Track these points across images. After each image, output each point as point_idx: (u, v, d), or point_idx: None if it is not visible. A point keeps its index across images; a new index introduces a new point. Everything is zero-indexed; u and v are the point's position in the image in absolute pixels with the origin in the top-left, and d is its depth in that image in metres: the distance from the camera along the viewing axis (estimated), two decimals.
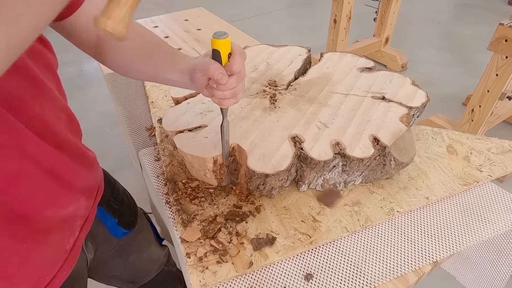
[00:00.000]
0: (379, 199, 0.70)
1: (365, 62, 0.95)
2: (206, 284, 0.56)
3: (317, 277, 0.58)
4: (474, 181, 0.74)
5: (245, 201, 0.69)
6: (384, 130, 0.71)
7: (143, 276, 0.85)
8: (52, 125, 0.45)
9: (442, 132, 0.86)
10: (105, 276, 0.78)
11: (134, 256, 0.78)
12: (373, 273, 0.59)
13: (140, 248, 0.79)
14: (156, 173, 0.79)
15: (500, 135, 1.50)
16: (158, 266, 0.87)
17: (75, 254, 0.54)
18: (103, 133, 2.15)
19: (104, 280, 0.79)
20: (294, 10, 3.99)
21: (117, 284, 0.83)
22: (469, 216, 0.68)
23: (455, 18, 3.69)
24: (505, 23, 1.44)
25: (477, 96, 1.65)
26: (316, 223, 0.65)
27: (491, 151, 0.80)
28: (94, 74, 2.83)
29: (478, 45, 3.01)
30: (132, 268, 0.80)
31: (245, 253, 0.60)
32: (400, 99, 0.80)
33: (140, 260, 0.80)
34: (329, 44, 2.44)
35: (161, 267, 0.88)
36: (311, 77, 0.90)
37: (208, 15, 1.64)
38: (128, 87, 1.09)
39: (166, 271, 0.91)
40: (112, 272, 0.77)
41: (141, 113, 0.99)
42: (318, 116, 0.76)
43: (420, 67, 2.77)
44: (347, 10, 2.23)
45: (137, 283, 0.86)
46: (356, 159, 0.65)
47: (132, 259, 0.77)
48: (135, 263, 0.79)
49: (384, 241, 0.64)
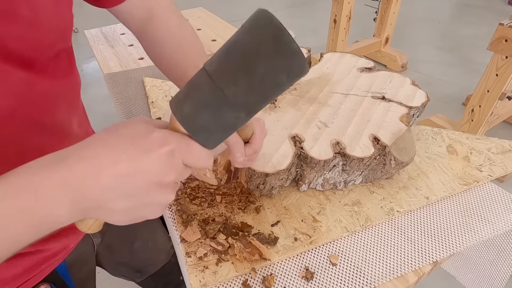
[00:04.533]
0: (379, 199, 0.70)
1: (365, 62, 0.95)
2: (206, 284, 0.56)
3: (317, 277, 0.58)
4: (474, 181, 0.74)
5: (245, 201, 0.69)
6: (384, 129, 0.71)
7: (150, 266, 0.86)
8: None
9: (442, 132, 0.86)
10: (112, 262, 0.79)
11: (139, 243, 0.79)
12: (373, 273, 0.59)
13: (145, 234, 0.80)
14: None
15: (500, 135, 1.50)
16: (165, 256, 0.88)
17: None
18: None
19: (112, 268, 0.80)
20: (294, 10, 4.00)
21: (125, 273, 0.84)
22: (469, 216, 0.68)
23: (455, 18, 3.69)
24: (505, 23, 1.44)
25: (477, 96, 1.66)
26: (316, 223, 0.65)
27: (491, 151, 0.80)
28: (94, 74, 2.83)
29: (478, 45, 3.01)
30: (139, 256, 0.81)
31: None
32: (400, 99, 0.80)
33: (146, 248, 0.82)
34: (329, 44, 2.44)
35: (168, 257, 0.88)
36: (311, 77, 0.90)
37: (208, 15, 1.64)
38: (128, 87, 1.09)
39: (173, 263, 0.91)
40: (119, 259, 0.79)
41: (141, 113, 0.99)
42: (318, 115, 0.76)
43: (420, 67, 2.77)
44: (347, 10, 2.23)
45: (145, 273, 0.86)
46: (356, 158, 0.65)
47: (137, 245, 0.78)
48: (141, 251, 0.81)
49: (384, 241, 0.64)
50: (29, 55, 0.40)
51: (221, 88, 0.27)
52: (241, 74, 0.27)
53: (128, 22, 0.59)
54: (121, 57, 1.26)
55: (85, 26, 1.72)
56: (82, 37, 1.76)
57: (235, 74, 0.27)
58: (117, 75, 1.14)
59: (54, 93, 0.46)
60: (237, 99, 0.27)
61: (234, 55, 0.27)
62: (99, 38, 1.41)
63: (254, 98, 0.28)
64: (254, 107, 0.30)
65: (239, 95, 0.27)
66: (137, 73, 1.15)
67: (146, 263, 0.85)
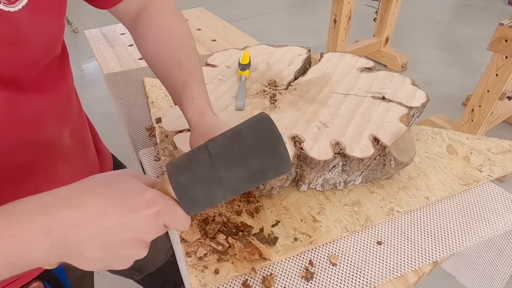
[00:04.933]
0: (379, 199, 0.70)
1: (365, 62, 0.95)
2: (206, 284, 0.56)
3: (317, 277, 0.58)
4: (474, 181, 0.74)
5: (245, 201, 0.69)
6: (384, 130, 0.71)
7: (149, 265, 0.86)
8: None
9: (442, 132, 0.86)
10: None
11: None
12: (373, 273, 0.59)
13: None
14: (156, 173, 0.79)
15: (500, 135, 1.50)
16: (164, 256, 0.88)
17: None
18: (103, 133, 2.14)
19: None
20: (294, 10, 4.00)
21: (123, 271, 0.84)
22: (469, 216, 0.68)
23: (455, 18, 3.69)
24: (505, 23, 1.44)
25: (477, 96, 1.66)
26: (316, 223, 0.65)
27: (491, 151, 0.80)
28: (94, 74, 2.83)
29: (478, 45, 3.01)
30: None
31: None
32: (400, 99, 0.80)
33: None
34: (329, 44, 2.44)
35: (167, 257, 0.88)
36: (311, 77, 0.90)
37: (208, 15, 1.64)
38: (128, 87, 1.09)
39: (172, 262, 0.91)
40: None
41: (141, 113, 0.99)
42: (318, 116, 0.76)
43: (420, 67, 2.77)
44: (347, 10, 2.23)
45: (143, 272, 0.86)
46: (356, 159, 0.65)
47: None
48: None
49: (384, 241, 0.64)
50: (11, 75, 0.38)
51: (218, 170, 0.32)
52: (239, 164, 0.32)
53: (125, 21, 0.59)
54: (121, 57, 1.26)
55: (85, 26, 1.71)
56: (82, 37, 1.76)
57: (233, 162, 0.32)
58: (117, 75, 1.14)
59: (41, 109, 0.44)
60: (229, 182, 0.32)
61: (236, 147, 0.32)
62: (99, 38, 1.41)
63: (243, 184, 0.34)
64: (241, 190, 0.35)
65: (232, 180, 0.32)
66: (137, 73, 1.15)
67: (145, 262, 0.85)
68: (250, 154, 0.32)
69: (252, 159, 0.32)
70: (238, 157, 0.32)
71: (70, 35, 3.41)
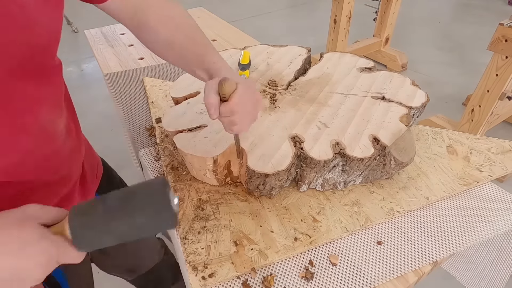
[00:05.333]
0: (379, 199, 0.70)
1: (365, 62, 0.95)
2: (206, 284, 0.56)
3: (317, 277, 0.58)
4: (474, 181, 0.74)
5: (245, 201, 0.69)
6: (384, 130, 0.71)
7: (142, 265, 0.86)
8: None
9: (442, 132, 0.86)
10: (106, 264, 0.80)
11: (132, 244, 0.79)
12: (373, 273, 0.59)
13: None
14: (156, 173, 0.79)
15: (500, 135, 1.50)
16: (157, 256, 0.88)
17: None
18: (103, 133, 2.15)
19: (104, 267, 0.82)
20: (294, 10, 3.99)
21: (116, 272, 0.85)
22: (469, 216, 0.68)
23: (455, 18, 3.69)
24: (505, 23, 1.44)
25: (477, 96, 1.65)
26: (316, 223, 0.65)
27: (491, 151, 0.80)
28: (94, 74, 2.83)
29: (478, 45, 3.01)
30: (131, 257, 0.82)
31: (245, 253, 0.60)
32: (400, 99, 0.80)
33: (138, 247, 0.83)
34: (329, 44, 2.44)
35: (160, 257, 0.89)
36: (311, 77, 0.90)
37: (208, 15, 1.64)
38: (128, 87, 1.09)
39: (165, 261, 0.91)
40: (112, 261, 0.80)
41: (141, 113, 0.99)
42: (318, 116, 0.76)
43: (420, 67, 2.77)
44: (347, 10, 2.23)
45: (137, 272, 0.87)
46: (356, 159, 0.65)
47: (129, 246, 0.79)
48: (134, 252, 0.82)
49: (384, 241, 0.64)
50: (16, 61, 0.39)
51: (109, 221, 0.36)
52: (127, 219, 0.36)
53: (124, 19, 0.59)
54: (121, 57, 1.26)
55: (85, 26, 1.71)
56: (82, 37, 1.76)
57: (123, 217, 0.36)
58: (117, 75, 1.14)
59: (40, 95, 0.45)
60: (116, 232, 0.36)
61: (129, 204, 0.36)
62: (99, 38, 1.41)
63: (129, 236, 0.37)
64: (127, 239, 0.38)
65: (119, 231, 0.36)
66: (137, 73, 1.15)
67: (138, 262, 0.86)
68: (139, 213, 0.36)
69: (139, 217, 0.36)
70: (128, 213, 0.36)
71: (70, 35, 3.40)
